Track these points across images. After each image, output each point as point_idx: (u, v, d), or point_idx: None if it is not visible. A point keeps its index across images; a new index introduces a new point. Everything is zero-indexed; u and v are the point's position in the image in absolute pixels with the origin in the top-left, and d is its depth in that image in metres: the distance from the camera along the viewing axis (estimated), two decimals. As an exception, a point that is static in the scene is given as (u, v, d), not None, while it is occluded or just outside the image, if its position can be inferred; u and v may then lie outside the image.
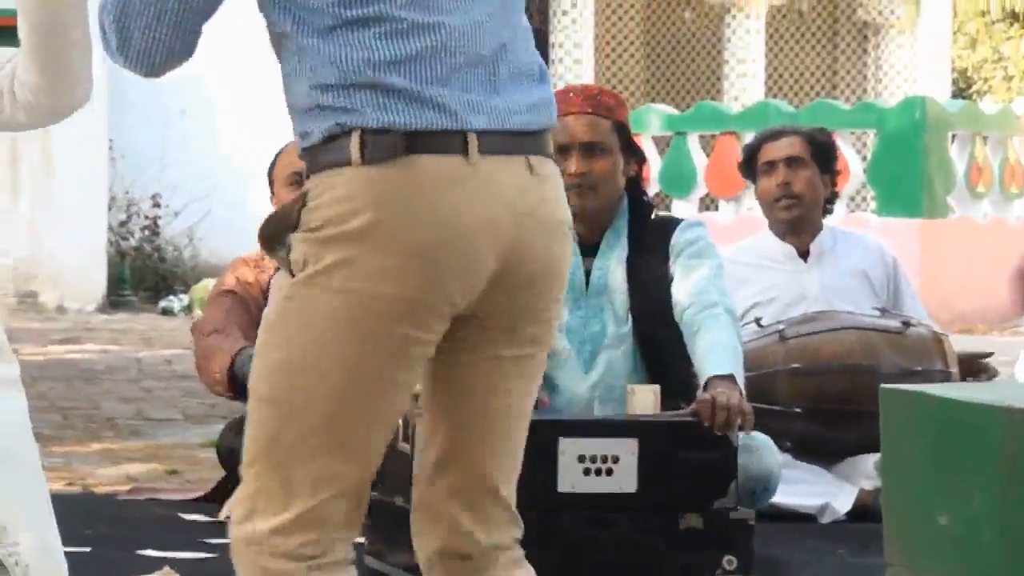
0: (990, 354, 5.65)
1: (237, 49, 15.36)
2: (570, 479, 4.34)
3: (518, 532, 2.95)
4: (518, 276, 2.86)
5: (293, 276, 2.78)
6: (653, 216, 4.99)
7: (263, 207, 5.56)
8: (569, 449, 4.35)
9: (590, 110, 4.80)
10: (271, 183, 5.38)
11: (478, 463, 2.94)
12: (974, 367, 5.43)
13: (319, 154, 2.81)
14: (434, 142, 2.79)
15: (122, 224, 15.76)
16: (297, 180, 5.22)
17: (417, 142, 2.78)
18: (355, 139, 2.76)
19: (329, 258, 2.76)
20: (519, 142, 2.85)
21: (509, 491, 2.96)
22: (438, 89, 2.81)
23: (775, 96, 18.60)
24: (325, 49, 2.80)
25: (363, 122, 2.77)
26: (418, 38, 2.80)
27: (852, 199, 13.50)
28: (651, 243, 4.82)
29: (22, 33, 3.30)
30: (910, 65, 20.10)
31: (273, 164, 5.38)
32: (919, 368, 5.10)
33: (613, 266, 4.81)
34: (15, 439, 3.38)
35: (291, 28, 2.83)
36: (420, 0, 2.81)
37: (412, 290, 2.78)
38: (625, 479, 4.37)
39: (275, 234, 2.84)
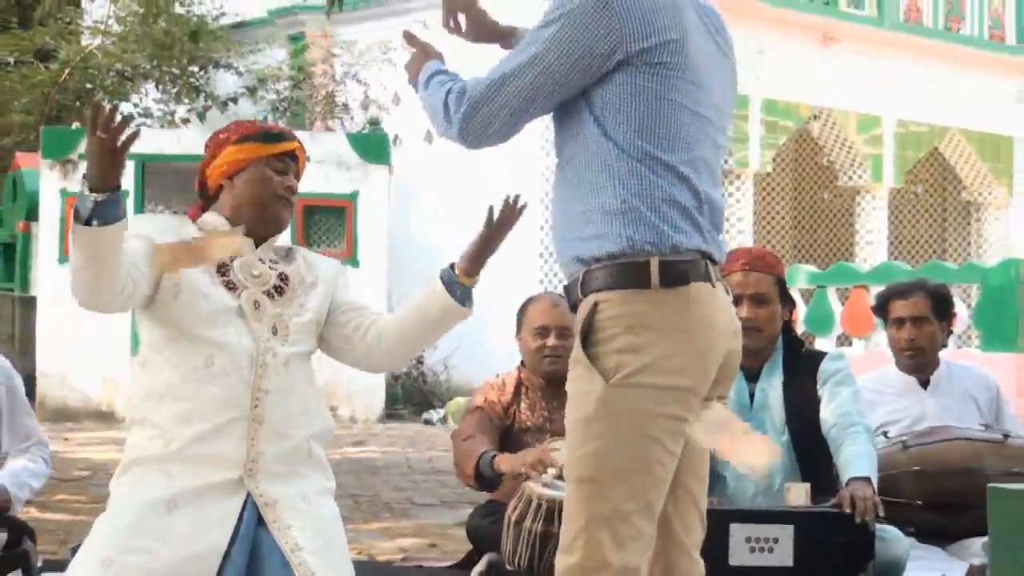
0: None
1: (480, 228, 15.61)
2: (739, 556, 4.30)
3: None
4: (726, 366, 3.00)
5: (606, 380, 2.83)
6: (804, 349, 4.95)
7: (498, 344, 5.63)
8: (738, 532, 4.31)
9: (758, 268, 4.80)
10: (519, 324, 5.36)
11: (696, 492, 3.05)
12: None
13: (618, 270, 2.88)
14: (701, 270, 2.92)
15: (397, 355, 15.99)
16: (540, 332, 5.22)
17: (693, 270, 2.90)
18: (655, 266, 2.87)
19: (635, 363, 2.84)
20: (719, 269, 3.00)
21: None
22: (712, 229, 2.98)
23: (896, 258, 18.38)
24: (639, 172, 2.90)
25: (661, 240, 2.88)
26: (697, 192, 2.94)
27: (960, 337, 13.23)
28: (802, 370, 4.79)
29: (409, 318, 3.63)
30: (1005, 234, 19.77)
31: (524, 309, 5.36)
32: (1017, 470, 4.96)
33: (772, 388, 4.79)
34: (337, 528, 3.57)
35: (606, 147, 2.93)
36: (699, 168, 2.96)
37: (694, 381, 2.91)
38: (783, 556, 4.32)
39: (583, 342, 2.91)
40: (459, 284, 3.64)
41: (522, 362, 5.37)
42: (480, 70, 3.03)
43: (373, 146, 14.46)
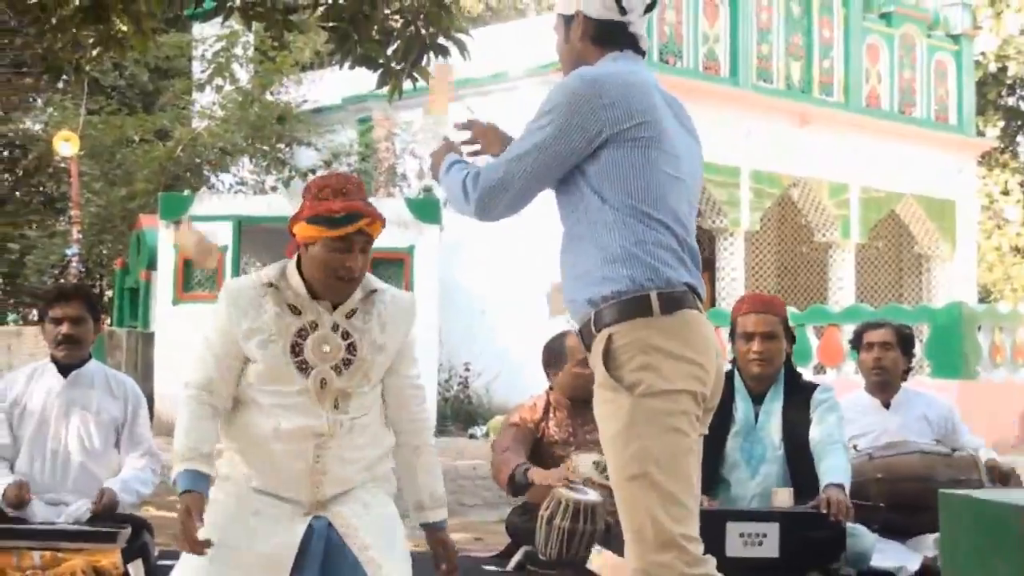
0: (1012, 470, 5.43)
1: (514, 277, 15.67)
2: (734, 548, 4.29)
3: None
4: (717, 381, 3.01)
5: (632, 394, 2.86)
6: (801, 380, 4.94)
7: (532, 372, 5.59)
8: (733, 529, 4.31)
9: (767, 311, 4.81)
10: (560, 358, 5.29)
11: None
12: (996, 474, 5.22)
13: (624, 305, 2.91)
14: (690, 300, 2.96)
15: (446, 381, 15.99)
16: (583, 362, 5.22)
17: (685, 299, 2.93)
18: (654, 297, 2.90)
19: (650, 378, 2.87)
20: None
21: None
22: (693, 267, 3.01)
23: (862, 302, 18.30)
24: (633, 225, 2.95)
25: (658, 276, 2.92)
26: (680, 239, 2.99)
27: (913, 367, 13.19)
28: (799, 397, 4.80)
29: (405, 480, 3.49)
30: (950, 281, 19.69)
31: (561, 347, 5.30)
32: (962, 478, 4.94)
33: (773, 409, 4.80)
34: (396, 525, 3.46)
35: (603, 210, 2.97)
36: (680, 220, 3.00)
37: (699, 386, 2.94)
38: (771, 548, 4.32)
39: (605, 363, 2.92)
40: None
41: (550, 386, 5.37)
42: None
43: (427, 209, 14.50)
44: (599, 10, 3.09)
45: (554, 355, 5.36)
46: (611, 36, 3.11)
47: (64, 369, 4.78)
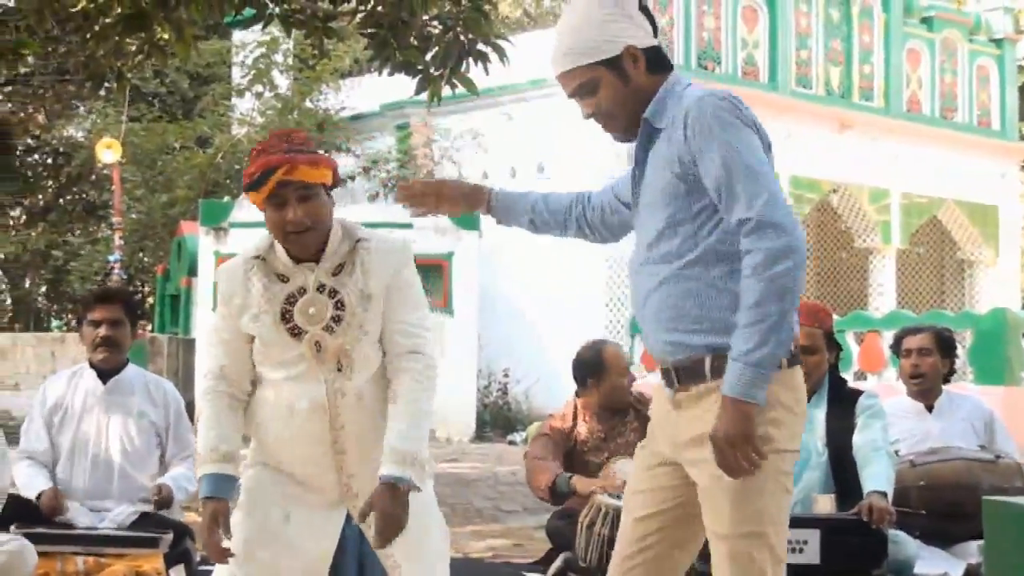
0: None
1: (553, 288, 15.68)
2: (775, 555, 4.25)
3: None
4: None
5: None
6: (846, 387, 4.91)
7: (570, 377, 5.52)
8: (774, 535, 4.25)
9: (810, 323, 4.75)
10: (599, 367, 5.29)
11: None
12: None
13: None
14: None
15: (485, 387, 16.00)
16: (623, 372, 5.25)
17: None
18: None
19: (778, 434, 2.79)
20: None
21: None
22: None
23: (903, 308, 18.16)
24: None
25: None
26: None
27: (956, 373, 13.04)
28: (843, 404, 4.78)
29: (389, 424, 3.18)
30: (993, 287, 19.52)
31: (599, 356, 5.30)
32: (1006, 486, 4.89)
33: (816, 416, 4.78)
34: (434, 531, 3.31)
35: (722, 249, 2.82)
36: None
37: (799, 443, 2.88)
38: (812, 555, 4.30)
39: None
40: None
41: (576, 392, 5.38)
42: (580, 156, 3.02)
43: (465, 215, 14.54)
44: (646, 37, 2.91)
45: (592, 365, 5.35)
46: (660, 60, 2.92)
47: (103, 375, 4.81)
